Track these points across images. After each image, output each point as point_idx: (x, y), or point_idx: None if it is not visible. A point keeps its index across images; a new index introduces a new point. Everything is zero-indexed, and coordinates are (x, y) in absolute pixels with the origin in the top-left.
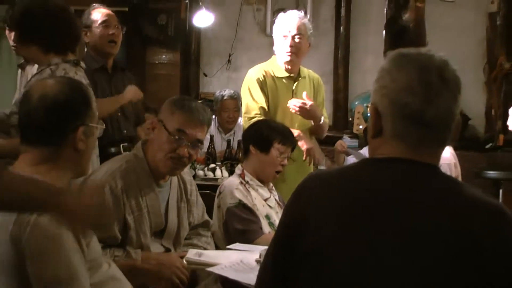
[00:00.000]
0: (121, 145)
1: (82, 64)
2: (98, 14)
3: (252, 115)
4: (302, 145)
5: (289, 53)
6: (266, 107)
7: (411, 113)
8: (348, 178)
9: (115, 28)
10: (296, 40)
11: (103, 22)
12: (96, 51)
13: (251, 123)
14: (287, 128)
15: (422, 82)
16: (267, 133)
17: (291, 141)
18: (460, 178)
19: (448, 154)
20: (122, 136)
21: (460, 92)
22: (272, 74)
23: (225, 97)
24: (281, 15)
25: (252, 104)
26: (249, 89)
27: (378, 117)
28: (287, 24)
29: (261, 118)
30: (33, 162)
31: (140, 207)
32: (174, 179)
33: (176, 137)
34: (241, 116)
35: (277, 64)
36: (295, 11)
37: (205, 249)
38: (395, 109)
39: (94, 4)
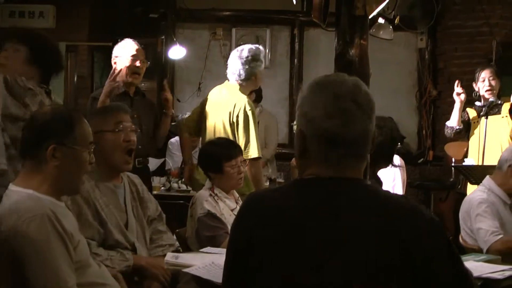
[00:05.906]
0: (136, 160)
1: (53, 96)
2: (129, 46)
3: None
4: None
5: None
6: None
7: (330, 137)
8: (284, 198)
9: (141, 62)
10: None
11: (132, 55)
12: (120, 79)
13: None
14: (229, 142)
15: (337, 108)
16: (214, 157)
17: (235, 153)
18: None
19: (400, 162)
20: (138, 151)
21: (374, 111)
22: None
23: None
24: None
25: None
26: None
27: (304, 139)
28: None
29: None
30: (26, 175)
31: (106, 203)
32: (126, 182)
33: (117, 129)
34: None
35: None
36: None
37: (171, 245)
38: (317, 133)
39: (126, 38)
